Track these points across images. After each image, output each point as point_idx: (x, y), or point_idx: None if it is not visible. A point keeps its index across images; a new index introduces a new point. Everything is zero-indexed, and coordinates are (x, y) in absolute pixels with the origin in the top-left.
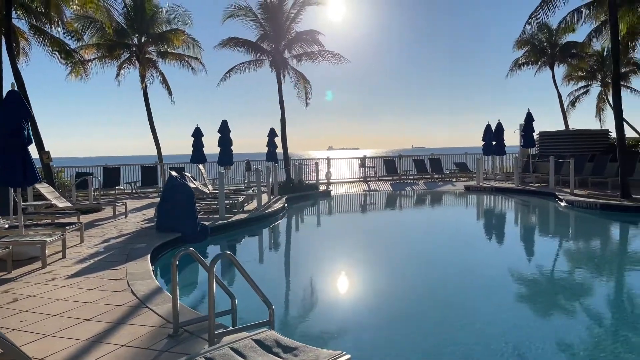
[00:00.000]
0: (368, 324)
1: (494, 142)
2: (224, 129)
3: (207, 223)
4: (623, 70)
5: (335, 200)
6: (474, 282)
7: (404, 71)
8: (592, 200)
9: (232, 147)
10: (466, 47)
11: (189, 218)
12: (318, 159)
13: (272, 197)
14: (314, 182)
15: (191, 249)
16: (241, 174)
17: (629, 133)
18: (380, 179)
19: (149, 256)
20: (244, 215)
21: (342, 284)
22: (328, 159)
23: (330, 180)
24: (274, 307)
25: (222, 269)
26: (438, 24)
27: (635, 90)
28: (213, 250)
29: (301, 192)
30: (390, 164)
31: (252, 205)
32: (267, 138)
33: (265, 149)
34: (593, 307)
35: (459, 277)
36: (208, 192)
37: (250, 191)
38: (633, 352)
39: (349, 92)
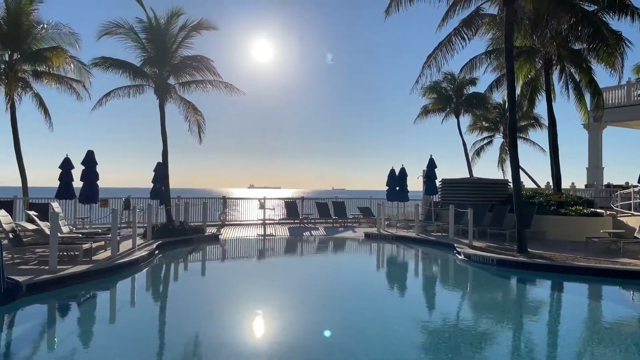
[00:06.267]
0: None
1: (397, 188)
2: (89, 160)
3: (23, 278)
4: (523, 123)
5: (220, 247)
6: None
7: (330, 110)
8: (488, 255)
9: (98, 182)
10: (385, 89)
11: None
12: (210, 198)
13: (142, 242)
14: (200, 224)
15: None
16: (100, 212)
17: (528, 184)
18: (280, 222)
19: None
20: (84, 267)
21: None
22: (224, 199)
23: (226, 223)
24: None
25: None
26: (356, 63)
27: (533, 142)
28: (23, 315)
29: (181, 236)
30: (291, 207)
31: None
32: (154, 173)
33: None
34: None
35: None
36: (62, 234)
37: (121, 234)
38: None
39: (280, 129)
